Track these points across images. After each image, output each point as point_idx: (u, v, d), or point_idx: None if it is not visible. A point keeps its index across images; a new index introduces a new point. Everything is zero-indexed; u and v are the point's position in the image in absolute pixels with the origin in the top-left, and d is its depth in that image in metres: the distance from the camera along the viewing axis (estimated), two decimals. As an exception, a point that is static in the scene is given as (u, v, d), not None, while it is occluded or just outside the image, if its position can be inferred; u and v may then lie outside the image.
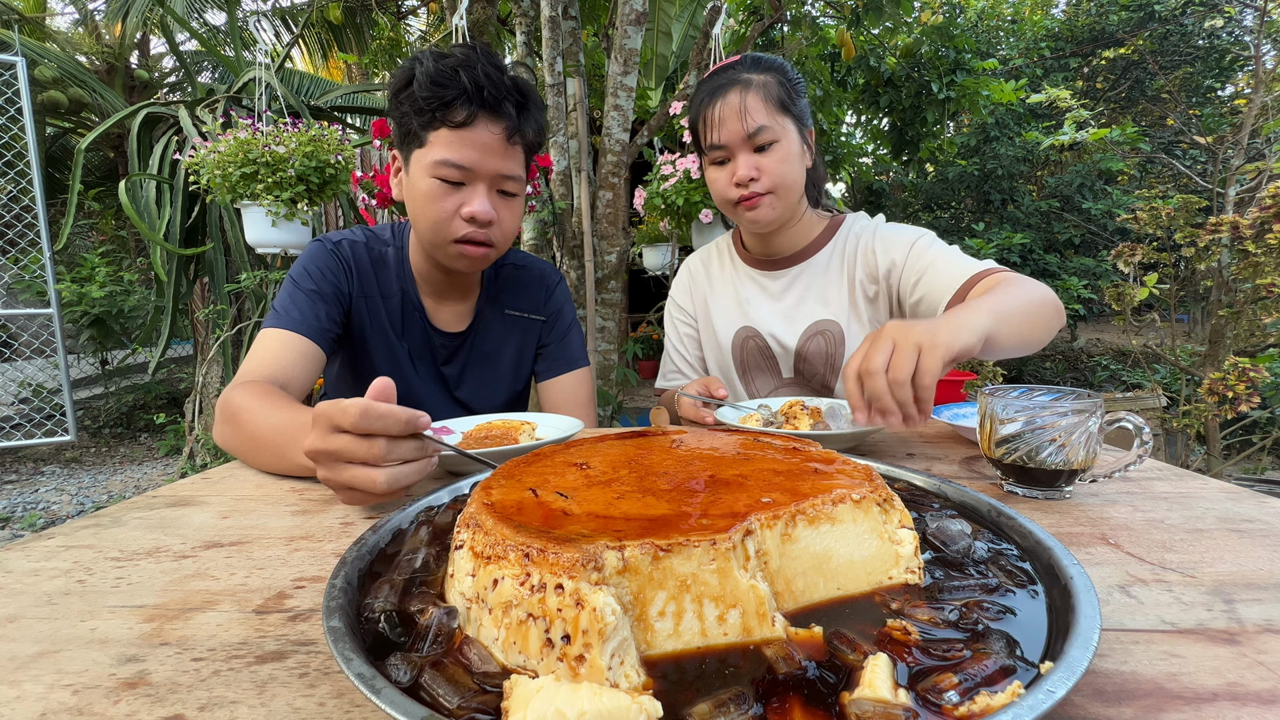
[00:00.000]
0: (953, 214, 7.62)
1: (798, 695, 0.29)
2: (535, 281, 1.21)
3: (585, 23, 4.05)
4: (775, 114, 1.10)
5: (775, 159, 1.11)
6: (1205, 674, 0.34)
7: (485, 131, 0.92)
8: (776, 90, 1.11)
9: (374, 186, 1.83)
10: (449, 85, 0.89)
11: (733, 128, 1.10)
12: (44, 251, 3.43)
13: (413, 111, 0.92)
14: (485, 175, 0.94)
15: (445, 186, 0.93)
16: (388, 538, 0.47)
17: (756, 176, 1.11)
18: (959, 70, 4.69)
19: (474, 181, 0.94)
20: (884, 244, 1.17)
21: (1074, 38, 7.50)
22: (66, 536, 0.59)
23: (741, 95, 1.10)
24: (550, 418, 0.94)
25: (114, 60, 6.14)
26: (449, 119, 0.91)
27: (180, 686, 0.36)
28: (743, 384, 1.30)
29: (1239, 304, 2.41)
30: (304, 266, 1.03)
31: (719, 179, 1.17)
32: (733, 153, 1.13)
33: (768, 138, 1.10)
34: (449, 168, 0.92)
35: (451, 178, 0.93)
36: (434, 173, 0.92)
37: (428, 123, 0.92)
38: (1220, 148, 3.99)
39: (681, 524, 0.36)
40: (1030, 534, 0.43)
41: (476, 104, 0.91)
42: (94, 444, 4.57)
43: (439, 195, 0.93)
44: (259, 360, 0.93)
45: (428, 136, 0.92)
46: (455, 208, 0.94)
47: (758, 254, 1.29)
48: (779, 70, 1.14)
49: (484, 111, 0.91)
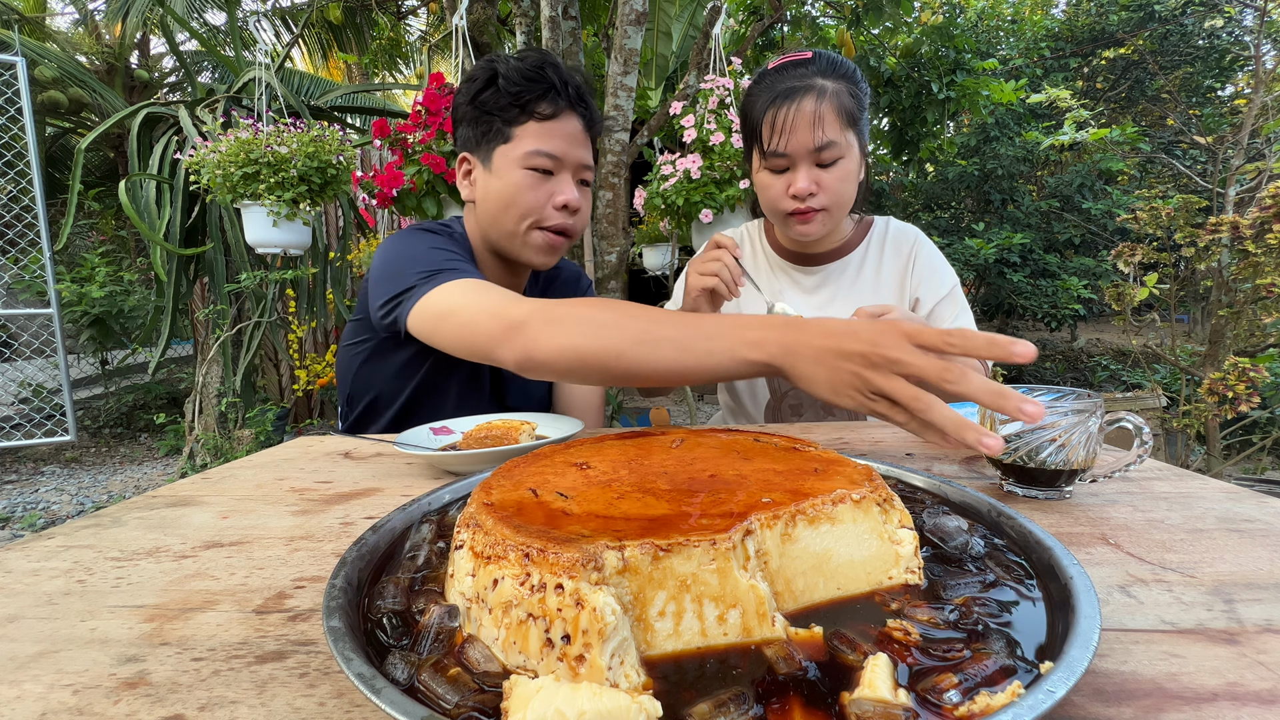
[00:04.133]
0: (953, 214, 7.62)
1: (798, 695, 0.29)
2: (571, 282, 1.25)
3: (585, 23, 4.05)
4: (844, 128, 1.04)
5: (836, 176, 1.06)
6: (1205, 674, 0.34)
7: (570, 124, 0.97)
8: (848, 102, 1.05)
9: (374, 186, 1.83)
10: (539, 80, 0.95)
11: (802, 138, 1.03)
12: (44, 251, 3.43)
13: (497, 109, 0.96)
14: (571, 164, 0.99)
15: (537, 176, 0.97)
16: (388, 538, 0.47)
17: (815, 192, 1.06)
18: (959, 70, 4.69)
19: (561, 171, 0.98)
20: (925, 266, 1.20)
21: (1074, 38, 7.50)
22: (66, 536, 0.59)
23: (817, 104, 1.02)
24: (550, 418, 0.94)
25: (114, 60, 6.14)
26: (538, 112, 0.95)
27: (180, 686, 0.36)
28: (766, 379, 1.30)
29: (1239, 304, 2.41)
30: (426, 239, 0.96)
31: (772, 186, 1.10)
32: (794, 163, 1.07)
33: (834, 154, 1.04)
34: (541, 157, 0.96)
35: (544, 166, 0.96)
36: (526, 163, 0.96)
37: (514, 118, 0.96)
38: (1220, 148, 3.99)
39: (681, 524, 0.36)
40: (1030, 534, 0.43)
41: (563, 98, 0.96)
42: (94, 444, 4.57)
43: (533, 185, 0.97)
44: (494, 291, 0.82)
45: (513, 132, 0.96)
46: (548, 196, 0.98)
47: (791, 248, 1.27)
48: (851, 79, 1.07)
49: (568, 105, 0.97)
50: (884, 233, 1.25)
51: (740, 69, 2.36)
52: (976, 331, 0.53)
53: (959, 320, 1.17)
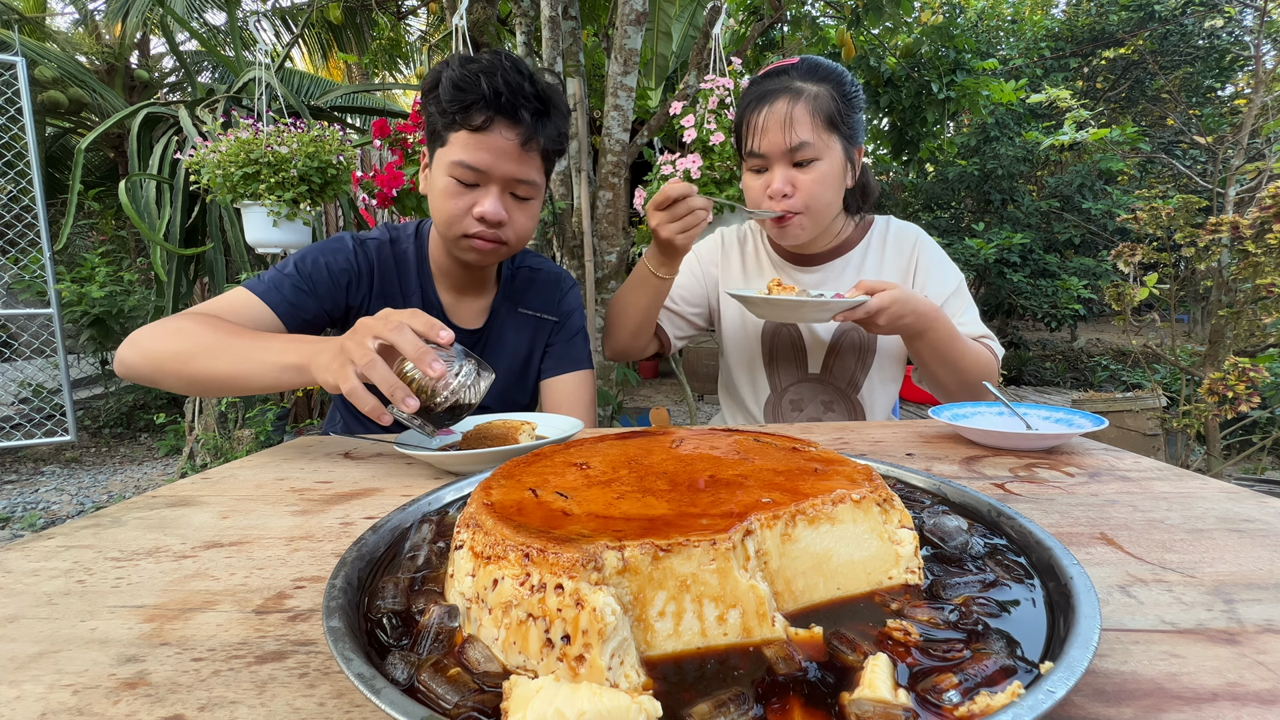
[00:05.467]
0: (953, 214, 7.63)
1: (798, 696, 0.29)
2: (551, 283, 1.24)
3: (585, 23, 4.05)
4: (821, 130, 1.06)
5: (812, 177, 1.08)
6: (1205, 674, 0.34)
7: (500, 137, 0.95)
8: (828, 104, 1.06)
9: (374, 186, 1.83)
10: (469, 90, 0.93)
11: (774, 139, 1.06)
12: (44, 251, 3.43)
13: (437, 112, 0.97)
14: (498, 178, 0.98)
15: (459, 186, 0.98)
16: (388, 538, 0.47)
17: (790, 193, 1.08)
18: (959, 70, 4.68)
19: (487, 183, 0.98)
20: (930, 264, 1.20)
21: (1074, 38, 7.50)
22: (66, 536, 0.59)
23: (789, 105, 1.05)
24: (550, 418, 0.94)
25: (114, 60, 6.14)
26: (468, 122, 0.95)
27: (180, 686, 0.36)
28: (767, 373, 1.29)
29: (1239, 304, 2.41)
30: (315, 255, 1.06)
31: (753, 187, 1.14)
32: (770, 164, 1.09)
33: (808, 155, 1.06)
34: (463, 169, 0.96)
35: (465, 179, 0.97)
36: (450, 172, 0.97)
37: (449, 124, 0.96)
38: (1220, 148, 3.99)
39: (681, 524, 0.36)
40: (1030, 534, 0.43)
41: (494, 109, 0.94)
42: (94, 444, 4.57)
43: (453, 193, 0.98)
44: (220, 307, 0.97)
45: (448, 137, 0.97)
46: (468, 207, 0.98)
47: (789, 247, 1.28)
48: (835, 81, 1.09)
49: (501, 117, 0.95)
50: (885, 231, 1.26)
51: (740, 69, 2.36)
52: (425, 315, 0.73)
53: (966, 314, 1.18)
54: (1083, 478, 0.70)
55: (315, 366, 0.78)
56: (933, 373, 1.12)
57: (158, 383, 0.90)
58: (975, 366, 1.09)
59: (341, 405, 1.22)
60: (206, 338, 0.86)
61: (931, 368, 1.11)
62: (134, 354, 0.89)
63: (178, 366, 0.87)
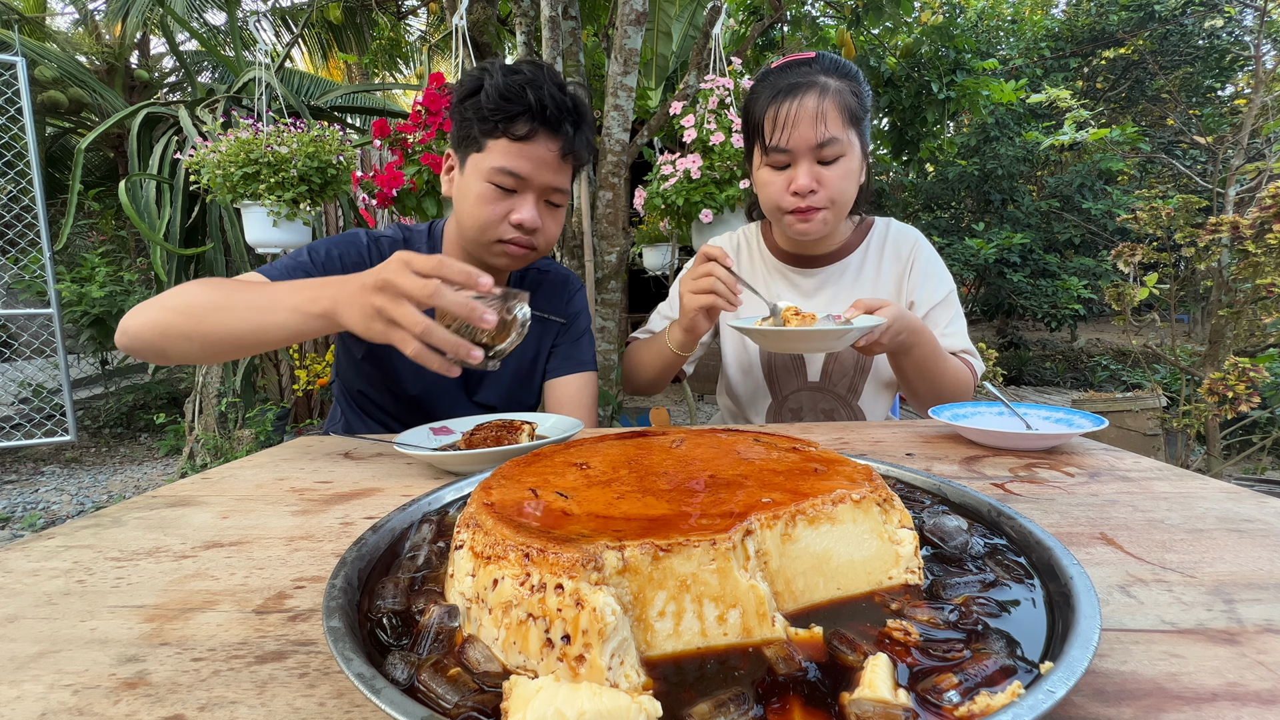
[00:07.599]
0: (953, 214, 7.63)
1: (798, 696, 0.29)
2: (559, 285, 1.24)
3: (585, 23, 4.05)
4: (846, 126, 1.05)
5: (838, 173, 1.06)
6: (1205, 674, 0.34)
7: (543, 147, 0.97)
8: (851, 101, 1.05)
9: (374, 186, 1.83)
10: (515, 100, 0.94)
11: (804, 133, 1.03)
12: (44, 251, 3.42)
13: (476, 119, 0.97)
14: (536, 186, 0.99)
15: (498, 192, 0.98)
16: (388, 538, 0.47)
17: (816, 189, 1.06)
18: (959, 70, 4.68)
19: (525, 191, 0.99)
20: (923, 270, 1.21)
21: (1074, 38, 7.50)
22: (66, 536, 0.59)
23: (820, 100, 1.03)
24: (550, 418, 0.94)
25: (114, 60, 6.14)
26: (511, 131, 0.96)
27: (180, 686, 0.36)
28: (767, 382, 1.29)
29: (1239, 304, 2.41)
30: (329, 247, 1.06)
31: (773, 183, 1.10)
32: (795, 159, 1.07)
33: (836, 151, 1.05)
34: (505, 175, 0.97)
35: (506, 185, 0.98)
36: (490, 178, 0.98)
37: (489, 130, 0.97)
38: (1220, 148, 3.99)
39: (681, 524, 0.36)
40: (1030, 534, 0.43)
41: (539, 121, 0.96)
42: (94, 444, 4.57)
43: (491, 199, 0.98)
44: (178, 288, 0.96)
45: (487, 143, 0.98)
46: (505, 213, 0.99)
47: (789, 249, 1.27)
48: (855, 79, 1.08)
49: (544, 128, 0.97)
50: (884, 235, 1.25)
51: (740, 69, 2.36)
52: (454, 261, 0.69)
53: (952, 325, 1.19)
54: (1083, 478, 0.70)
55: (346, 319, 0.73)
56: (912, 387, 1.13)
57: (165, 352, 0.84)
58: (953, 385, 1.11)
59: (344, 403, 1.21)
60: (214, 294, 0.82)
61: (912, 382, 1.12)
62: (138, 321, 0.83)
63: (188, 326, 0.81)
